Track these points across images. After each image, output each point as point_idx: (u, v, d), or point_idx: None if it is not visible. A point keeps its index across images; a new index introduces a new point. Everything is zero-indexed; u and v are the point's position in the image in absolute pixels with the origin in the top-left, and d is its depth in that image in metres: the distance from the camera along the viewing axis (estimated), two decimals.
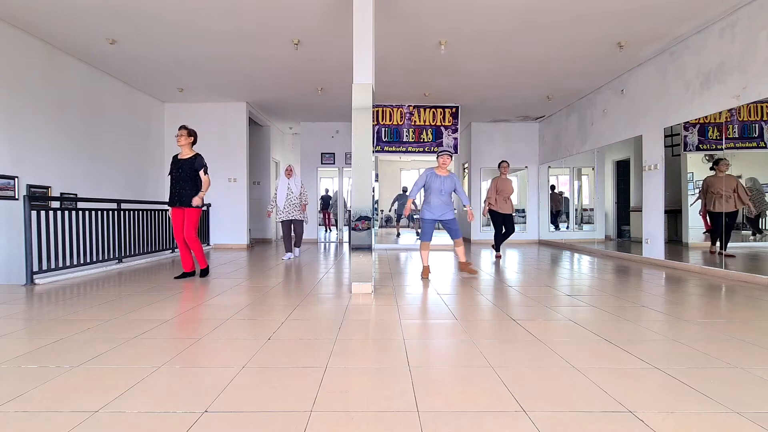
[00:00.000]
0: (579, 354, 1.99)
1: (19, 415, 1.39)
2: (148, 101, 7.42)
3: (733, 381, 1.68)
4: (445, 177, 4.28)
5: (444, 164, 4.28)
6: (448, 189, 4.28)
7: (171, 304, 3.04)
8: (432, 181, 4.26)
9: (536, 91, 7.11)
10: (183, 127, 4.18)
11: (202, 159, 4.19)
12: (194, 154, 4.18)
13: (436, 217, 4.30)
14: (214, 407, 1.44)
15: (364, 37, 3.59)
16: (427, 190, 4.32)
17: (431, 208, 4.29)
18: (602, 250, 6.90)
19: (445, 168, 4.31)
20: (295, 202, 5.88)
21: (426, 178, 4.30)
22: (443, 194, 4.27)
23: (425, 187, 4.33)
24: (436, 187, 4.24)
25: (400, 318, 2.67)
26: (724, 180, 4.63)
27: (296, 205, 5.89)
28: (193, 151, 4.21)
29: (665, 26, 4.67)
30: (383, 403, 1.48)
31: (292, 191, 5.88)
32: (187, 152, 4.17)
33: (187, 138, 4.14)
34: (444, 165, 4.28)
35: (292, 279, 4.26)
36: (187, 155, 4.15)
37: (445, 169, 4.32)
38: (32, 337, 2.26)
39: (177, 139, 4.12)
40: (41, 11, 4.37)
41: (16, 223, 4.57)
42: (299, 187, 5.95)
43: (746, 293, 3.51)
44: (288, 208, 5.85)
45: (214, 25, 4.71)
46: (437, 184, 4.24)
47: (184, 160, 4.13)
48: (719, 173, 4.75)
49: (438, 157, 4.31)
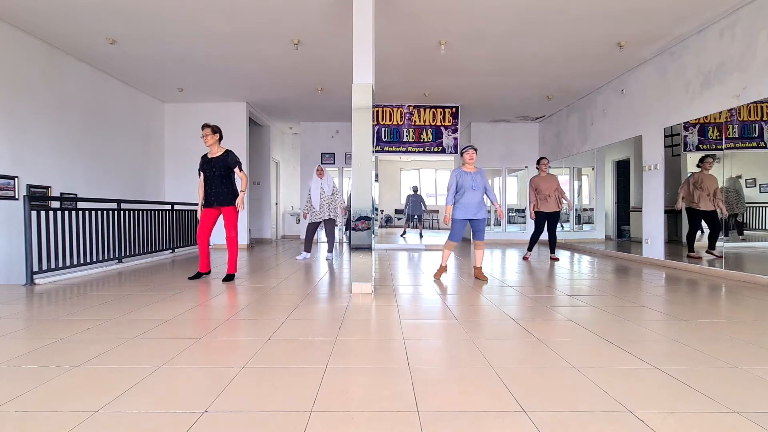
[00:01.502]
0: (579, 354, 1.99)
1: (19, 415, 1.39)
2: (148, 101, 7.42)
3: (733, 381, 1.68)
4: (474, 173, 4.14)
5: (471, 160, 4.13)
6: (480, 185, 4.12)
7: (171, 304, 3.04)
8: (463, 179, 4.12)
9: (536, 91, 7.11)
10: (206, 125, 3.99)
11: (235, 155, 4.03)
12: (225, 151, 4.02)
13: (470, 216, 4.13)
14: (214, 407, 1.44)
15: (364, 37, 3.59)
16: (459, 190, 4.17)
17: (466, 206, 4.12)
18: (602, 250, 6.90)
19: (472, 164, 4.16)
20: (327, 202, 5.88)
21: (457, 178, 4.16)
22: (477, 191, 4.10)
23: (458, 188, 4.18)
24: (469, 185, 4.09)
25: (400, 318, 2.67)
26: (710, 178, 4.66)
27: (329, 204, 5.89)
28: (222, 147, 4.04)
29: (665, 26, 4.67)
30: (383, 403, 1.48)
31: (324, 191, 5.87)
32: (217, 150, 4.01)
33: (213, 136, 3.97)
34: (471, 161, 4.14)
35: (292, 279, 4.26)
36: (217, 153, 4.00)
37: (473, 165, 4.18)
38: (32, 337, 2.26)
39: (203, 139, 3.96)
40: (41, 11, 4.37)
41: (16, 223, 4.57)
42: (331, 187, 5.93)
43: (746, 293, 3.51)
44: (322, 208, 5.86)
45: (214, 25, 4.71)
46: (469, 182, 4.09)
47: (216, 159, 3.97)
48: (705, 170, 4.77)
49: (463, 154, 4.18)
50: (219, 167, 3.96)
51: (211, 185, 3.97)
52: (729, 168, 4.47)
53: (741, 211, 4.44)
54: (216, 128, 4.03)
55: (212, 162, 3.98)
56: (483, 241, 4.21)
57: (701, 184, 4.82)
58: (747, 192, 4.38)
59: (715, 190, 4.61)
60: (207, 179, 4.00)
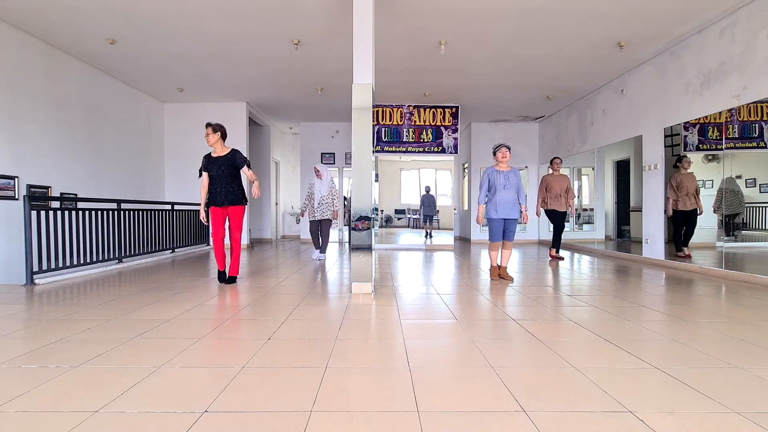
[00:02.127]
0: (579, 354, 1.99)
1: (19, 415, 1.39)
2: (148, 101, 7.42)
3: (733, 381, 1.68)
4: (508, 172, 4.09)
5: (504, 158, 4.09)
6: (513, 184, 4.06)
7: (171, 304, 3.04)
8: (495, 178, 4.09)
9: (536, 91, 7.11)
10: (208, 124, 3.89)
11: (242, 155, 3.96)
12: (230, 150, 3.93)
13: (503, 216, 4.08)
14: (214, 407, 1.44)
15: (364, 37, 3.59)
16: (491, 189, 4.14)
17: (497, 206, 4.08)
18: (602, 250, 6.90)
19: (505, 162, 4.12)
20: (325, 202, 5.86)
21: (489, 177, 4.14)
22: (509, 189, 4.04)
23: (489, 187, 4.16)
24: (501, 184, 4.05)
25: (400, 318, 2.67)
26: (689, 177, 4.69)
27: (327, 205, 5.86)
28: (226, 147, 3.94)
29: (665, 26, 4.67)
30: (383, 403, 1.48)
31: (322, 192, 5.86)
32: (221, 149, 3.91)
33: (214, 135, 3.86)
34: (504, 159, 4.09)
35: (292, 279, 4.26)
36: (222, 152, 3.90)
37: (506, 164, 4.13)
38: (32, 337, 2.26)
39: (206, 138, 3.87)
40: (41, 11, 4.37)
41: (16, 223, 4.57)
42: (328, 187, 5.91)
43: (746, 293, 3.51)
44: (321, 208, 5.84)
45: (214, 25, 4.71)
46: (501, 180, 4.05)
47: (222, 158, 3.88)
48: (683, 170, 4.80)
49: (495, 153, 4.14)
50: (227, 166, 3.87)
51: (220, 184, 3.86)
52: (729, 168, 4.47)
53: (741, 212, 4.44)
54: (217, 127, 3.90)
55: (219, 161, 3.87)
56: (511, 242, 4.18)
57: (681, 184, 4.87)
58: (747, 192, 4.37)
59: (696, 189, 4.65)
60: (214, 179, 3.89)
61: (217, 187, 3.88)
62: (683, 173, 4.87)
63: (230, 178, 3.89)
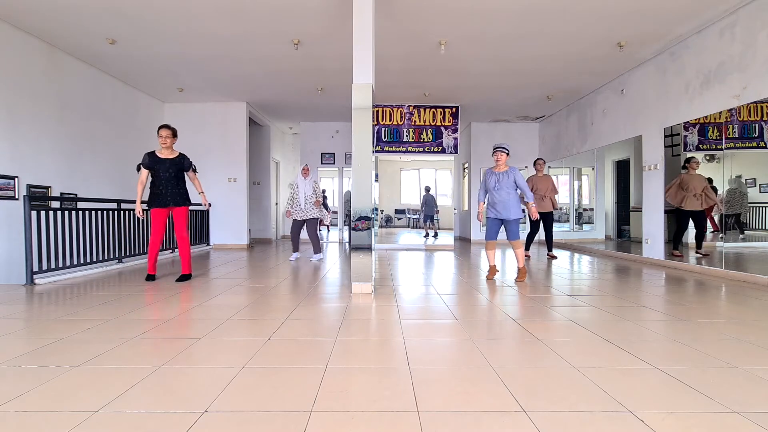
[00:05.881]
0: (579, 354, 1.99)
1: (19, 415, 1.39)
2: (148, 101, 7.42)
3: (733, 381, 1.68)
4: (501, 173, 4.19)
5: (497, 161, 4.20)
6: (504, 185, 4.16)
7: (170, 304, 3.04)
8: (488, 179, 4.26)
9: (536, 91, 7.10)
10: (167, 126, 4.04)
11: (190, 160, 4.16)
12: (179, 153, 4.10)
13: (494, 216, 4.23)
14: (214, 407, 1.44)
15: (364, 37, 3.59)
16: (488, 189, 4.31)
17: (490, 206, 4.28)
18: (602, 250, 6.90)
19: (499, 165, 4.23)
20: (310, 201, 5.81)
21: (485, 178, 4.32)
22: (500, 191, 4.16)
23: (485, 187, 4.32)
24: (492, 185, 4.21)
25: (400, 318, 2.67)
26: (697, 179, 4.70)
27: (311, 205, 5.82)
28: (175, 150, 4.12)
29: (665, 26, 4.67)
30: (383, 403, 1.48)
31: (306, 192, 5.81)
32: (170, 152, 4.07)
33: (174, 138, 4.08)
34: (497, 162, 4.21)
35: (292, 279, 4.26)
36: (171, 155, 4.06)
37: (501, 166, 4.23)
38: (32, 337, 2.26)
39: (164, 140, 3.97)
40: (41, 11, 4.37)
41: (16, 223, 4.57)
42: (312, 187, 5.87)
43: (746, 293, 3.51)
44: (307, 207, 5.80)
45: (214, 25, 4.71)
46: (492, 182, 4.21)
47: (170, 160, 4.03)
48: (691, 171, 4.82)
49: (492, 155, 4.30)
50: (175, 169, 4.04)
51: (166, 186, 4.01)
52: (729, 168, 4.47)
53: (743, 211, 4.45)
54: (174, 130, 4.12)
55: (167, 163, 4.01)
56: (517, 240, 4.20)
57: (687, 185, 4.88)
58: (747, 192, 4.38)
59: (704, 189, 4.67)
60: (160, 179, 4.00)
61: (163, 188, 4.02)
62: (690, 174, 4.87)
63: (177, 180, 4.08)
